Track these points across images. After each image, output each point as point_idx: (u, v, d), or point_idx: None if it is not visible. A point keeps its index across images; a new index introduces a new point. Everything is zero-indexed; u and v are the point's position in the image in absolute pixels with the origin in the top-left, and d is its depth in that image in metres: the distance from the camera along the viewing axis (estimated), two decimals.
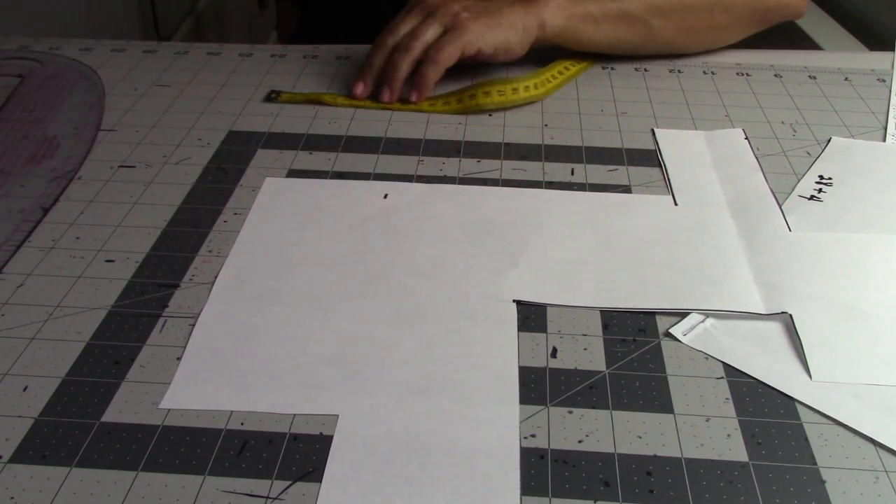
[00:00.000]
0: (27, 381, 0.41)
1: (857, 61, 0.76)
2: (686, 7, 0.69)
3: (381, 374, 0.41)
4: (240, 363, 0.42)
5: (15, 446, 0.38)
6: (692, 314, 0.45)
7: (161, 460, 0.37)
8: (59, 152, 0.60)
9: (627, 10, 0.68)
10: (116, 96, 0.69)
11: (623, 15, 0.67)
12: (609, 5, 0.68)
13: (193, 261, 0.49)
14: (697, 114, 0.66)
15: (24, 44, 0.77)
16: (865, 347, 0.43)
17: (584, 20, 0.67)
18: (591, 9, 0.67)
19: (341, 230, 0.52)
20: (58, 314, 0.45)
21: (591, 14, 0.67)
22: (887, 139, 0.63)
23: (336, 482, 0.36)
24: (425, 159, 0.60)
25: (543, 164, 0.59)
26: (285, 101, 0.67)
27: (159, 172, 0.58)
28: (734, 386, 0.41)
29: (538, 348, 0.43)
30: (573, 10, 0.67)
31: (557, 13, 0.67)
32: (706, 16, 0.70)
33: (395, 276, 0.48)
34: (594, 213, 0.54)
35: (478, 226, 0.52)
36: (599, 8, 0.67)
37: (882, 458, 0.37)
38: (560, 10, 0.67)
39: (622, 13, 0.68)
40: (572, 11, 0.67)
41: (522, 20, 0.66)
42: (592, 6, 0.67)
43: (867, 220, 0.53)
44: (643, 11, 0.68)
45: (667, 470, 0.37)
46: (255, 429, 0.39)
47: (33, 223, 0.53)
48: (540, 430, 0.39)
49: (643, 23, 0.68)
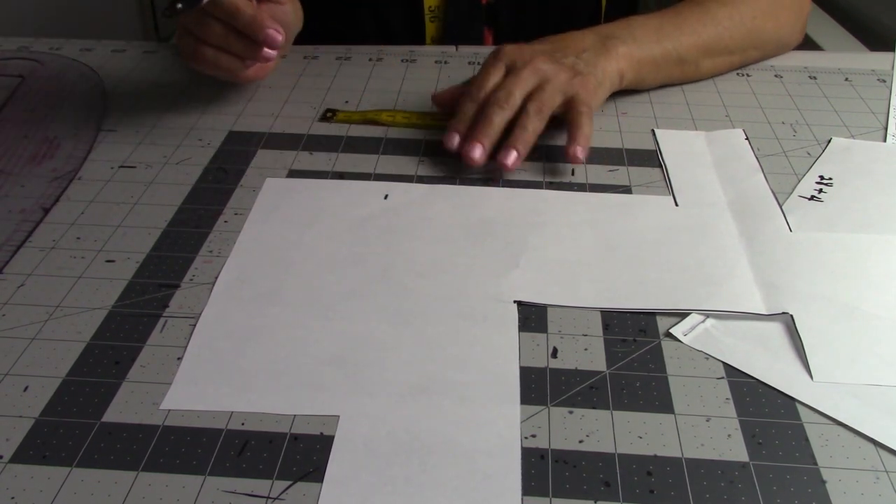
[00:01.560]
0: (28, 381, 0.41)
1: (857, 61, 0.76)
2: (727, 49, 0.70)
3: (381, 375, 0.41)
4: (240, 364, 0.42)
5: (15, 446, 0.38)
6: (692, 314, 0.45)
7: (161, 460, 0.37)
8: (59, 152, 0.60)
9: (682, 54, 0.68)
10: (116, 96, 0.69)
11: (679, 59, 0.68)
12: (667, 47, 0.67)
13: (194, 261, 0.49)
14: (697, 114, 0.66)
15: (24, 44, 0.77)
16: (866, 347, 0.43)
17: (649, 66, 0.66)
18: (653, 52, 0.66)
19: (341, 230, 0.52)
20: (58, 314, 0.45)
21: (654, 59, 0.66)
22: (887, 139, 0.63)
23: (337, 483, 0.36)
24: (425, 159, 0.60)
25: (543, 165, 0.59)
26: (341, 120, 0.64)
27: (160, 173, 0.58)
28: (734, 386, 0.41)
29: (538, 348, 0.43)
30: (640, 56, 0.66)
31: (631, 63, 0.65)
32: (741, 55, 0.72)
33: (396, 276, 0.48)
34: (594, 213, 0.54)
35: (478, 226, 0.52)
36: (660, 51, 0.66)
37: (882, 458, 0.37)
38: (630, 58, 0.65)
39: (679, 58, 0.68)
40: (640, 57, 0.66)
41: (609, 75, 0.63)
42: (654, 48, 0.66)
43: (867, 221, 0.53)
44: (695, 54, 0.69)
45: (667, 470, 0.37)
46: (255, 429, 0.39)
47: (34, 223, 0.53)
48: (540, 431, 0.39)
49: (694, 65, 0.69)
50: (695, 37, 0.68)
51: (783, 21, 0.73)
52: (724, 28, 0.69)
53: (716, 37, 0.69)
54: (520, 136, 0.57)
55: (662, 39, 0.66)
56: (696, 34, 0.68)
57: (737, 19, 0.69)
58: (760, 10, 0.71)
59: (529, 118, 0.57)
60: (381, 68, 0.74)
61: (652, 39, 0.66)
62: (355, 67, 0.74)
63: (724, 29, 0.69)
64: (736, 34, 0.70)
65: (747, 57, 0.73)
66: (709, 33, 0.68)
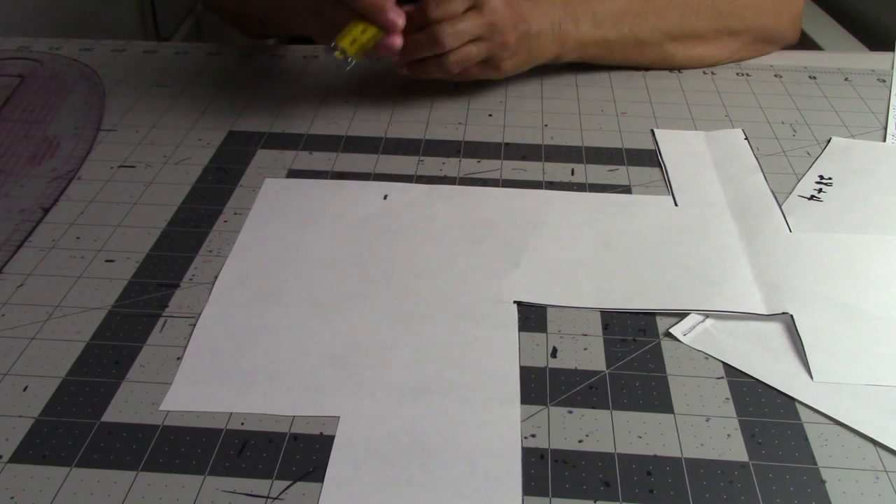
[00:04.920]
0: (27, 381, 0.41)
1: (857, 61, 0.76)
2: (696, 34, 0.69)
3: (381, 375, 0.41)
4: (240, 364, 0.42)
5: (15, 446, 0.38)
6: (692, 314, 0.45)
7: (161, 460, 0.37)
8: (59, 152, 0.60)
9: (643, 37, 0.67)
10: (116, 96, 0.69)
11: (637, 41, 0.67)
12: (624, 31, 0.67)
13: (193, 261, 0.49)
14: (697, 114, 0.66)
15: (24, 44, 0.77)
16: (866, 347, 0.43)
17: (600, 48, 0.67)
18: (608, 35, 0.66)
19: (341, 231, 0.52)
20: (58, 314, 0.45)
21: (608, 41, 0.66)
22: (887, 139, 0.63)
23: (337, 483, 0.36)
24: (425, 159, 0.60)
25: (543, 165, 0.59)
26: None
27: (159, 172, 0.58)
28: (734, 386, 0.41)
29: (538, 348, 0.43)
30: (591, 38, 0.66)
31: (576, 46, 0.66)
32: (716, 43, 0.71)
33: (396, 276, 0.48)
34: (594, 213, 0.54)
35: (478, 226, 0.52)
36: (615, 34, 0.66)
37: (882, 458, 0.37)
38: (578, 41, 0.65)
39: (637, 41, 0.67)
40: (590, 39, 0.66)
41: (546, 56, 0.65)
42: (609, 31, 0.66)
43: (867, 221, 0.53)
44: (658, 37, 0.68)
45: (667, 470, 0.37)
46: (255, 429, 0.39)
47: (33, 223, 0.53)
48: (540, 430, 0.39)
49: (658, 48, 0.69)
50: (659, 20, 0.67)
51: (766, 10, 0.71)
52: (694, 11, 0.68)
53: (682, 21, 0.68)
54: (432, 67, 0.62)
55: (621, 21, 0.66)
56: (661, 17, 0.67)
57: (709, 3, 0.68)
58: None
59: (446, 66, 0.61)
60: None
61: (610, 21, 0.66)
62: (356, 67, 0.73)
63: (693, 13, 0.68)
64: (707, 19, 0.68)
65: (725, 47, 0.71)
66: (674, 17, 0.68)
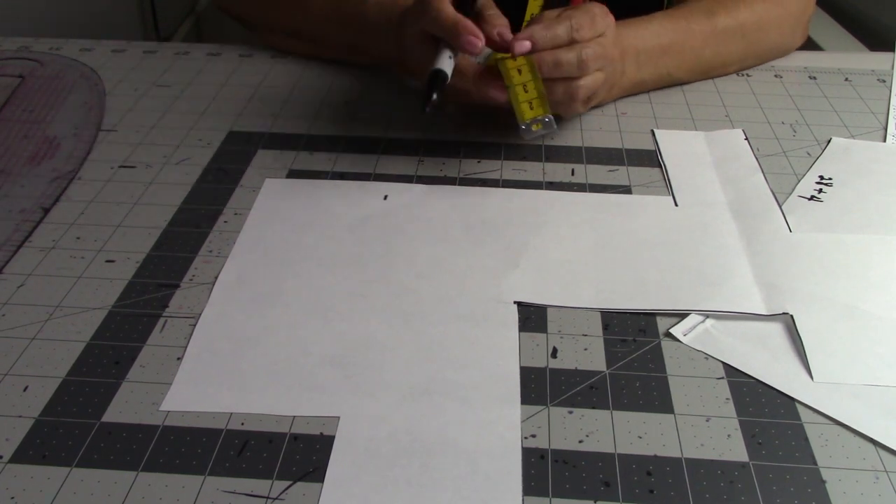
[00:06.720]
0: (27, 381, 0.41)
1: (857, 61, 0.76)
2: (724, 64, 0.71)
3: (381, 376, 0.41)
4: (240, 364, 0.42)
5: (15, 446, 0.38)
6: (692, 314, 0.45)
7: (161, 460, 0.37)
8: (59, 152, 0.60)
9: (678, 76, 0.68)
10: (116, 96, 0.69)
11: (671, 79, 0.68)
12: (661, 72, 0.67)
13: (194, 261, 0.49)
14: (697, 114, 0.66)
15: (24, 44, 0.77)
16: (866, 348, 0.43)
17: (635, 88, 0.67)
18: (645, 77, 0.66)
19: (341, 231, 0.52)
20: (58, 314, 0.45)
21: (645, 82, 0.67)
22: (887, 139, 0.63)
23: (338, 484, 0.36)
24: (425, 159, 0.60)
25: (543, 165, 0.59)
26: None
27: (159, 173, 0.58)
28: (734, 386, 0.41)
29: (538, 348, 0.43)
30: (632, 79, 0.66)
31: (618, 93, 0.66)
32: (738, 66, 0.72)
33: (396, 277, 0.48)
34: (594, 213, 0.54)
35: (478, 226, 0.52)
36: (654, 77, 0.67)
37: (882, 458, 0.37)
38: (620, 88, 0.65)
39: (672, 79, 0.68)
40: (631, 81, 0.66)
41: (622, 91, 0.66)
42: (648, 74, 0.66)
43: (867, 221, 0.53)
44: (690, 76, 0.69)
45: (667, 470, 0.37)
46: (255, 429, 0.39)
47: (34, 223, 0.53)
48: (540, 431, 0.39)
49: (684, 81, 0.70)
50: (695, 60, 0.68)
51: (786, 29, 0.73)
52: (725, 45, 0.68)
53: (713, 57, 0.69)
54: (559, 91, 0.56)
55: (661, 62, 0.66)
56: (697, 56, 0.68)
57: (739, 34, 0.68)
58: (766, 20, 0.69)
59: (573, 92, 0.57)
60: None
61: (650, 63, 0.66)
62: (355, 68, 0.73)
63: (725, 44, 0.68)
64: (736, 48, 0.69)
65: (745, 66, 0.73)
66: (708, 54, 0.68)
